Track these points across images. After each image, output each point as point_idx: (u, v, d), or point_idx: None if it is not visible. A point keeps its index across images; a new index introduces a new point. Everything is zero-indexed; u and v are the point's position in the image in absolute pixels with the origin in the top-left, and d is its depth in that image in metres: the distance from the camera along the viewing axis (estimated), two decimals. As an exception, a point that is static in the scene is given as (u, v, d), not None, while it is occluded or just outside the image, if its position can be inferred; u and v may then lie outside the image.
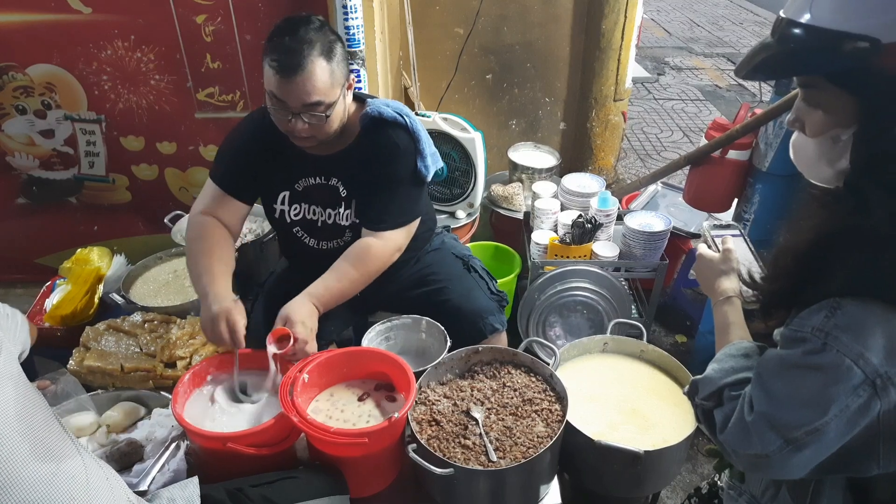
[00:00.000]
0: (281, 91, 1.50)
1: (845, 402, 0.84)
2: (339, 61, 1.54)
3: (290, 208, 1.78)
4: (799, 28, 0.80)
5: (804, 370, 0.87)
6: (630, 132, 4.96)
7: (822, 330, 0.84)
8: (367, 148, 1.69)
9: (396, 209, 1.71)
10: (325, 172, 1.74)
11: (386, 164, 1.68)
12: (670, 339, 2.74)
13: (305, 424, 1.36)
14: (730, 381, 1.02)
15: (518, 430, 1.46)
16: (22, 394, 0.94)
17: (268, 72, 1.51)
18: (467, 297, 1.86)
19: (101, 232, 2.74)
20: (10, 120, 2.48)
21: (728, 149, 1.97)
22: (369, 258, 1.67)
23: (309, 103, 1.51)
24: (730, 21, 8.40)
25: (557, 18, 2.89)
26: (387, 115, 1.67)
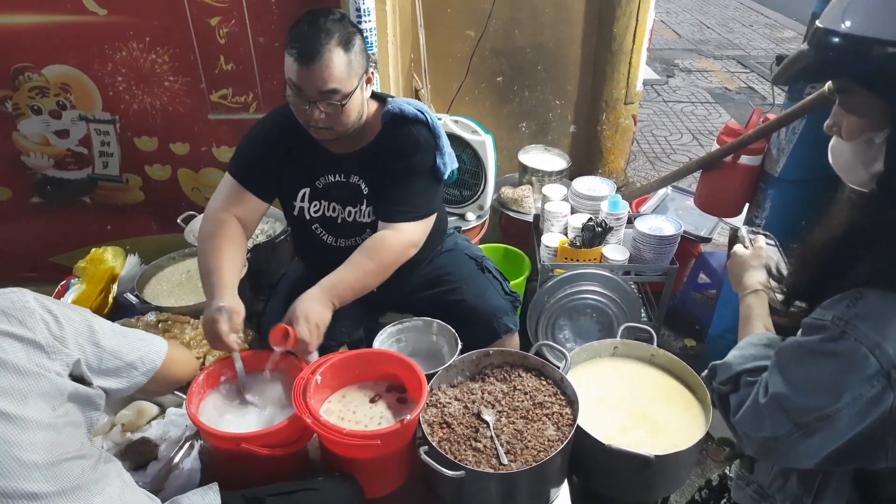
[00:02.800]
0: (299, 78, 1.53)
1: (859, 390, 0.86)
2: (357, 52, 1.56)
3: (310, 205, 1.80)
4: (834, 35, 0.85)
5: (821, 356, 0.90)
6: (639, 135, 4.96)
7: (843, 318, 0.87)
8: (387, 144, 1.72)
9: (413, 201, 1.72)
10: (346, 170, 1.77)
11: (405, 158, 1.71)
12: (680, 342, 2.74)
13: (318, 425, 1.37)
14: (748, 367, 1.05)
15: (529, 434, 1.47)
16: None
17: (287, 60, 1.54)
18: (482, 298, 1.87)
19: (114, 231, 2.76)
20: (25, 120, 2.51)
21: (740, 154, 1.97)
22: (384, 249, 1.67)
23: (325, 90, 1.53)
24: (740, 23, 8.37)
25: (569, 21, 2.90)
26: (408, 112, 1.71)
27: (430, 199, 1.77)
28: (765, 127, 1.88)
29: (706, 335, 2.62)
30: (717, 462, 2.23)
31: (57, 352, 1.03)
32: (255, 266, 2.15)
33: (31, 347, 1.00)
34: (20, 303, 1.02)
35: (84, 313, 1.13)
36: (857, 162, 0.94)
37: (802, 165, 1.92)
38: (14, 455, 0.93)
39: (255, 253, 2.19)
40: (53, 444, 0.98)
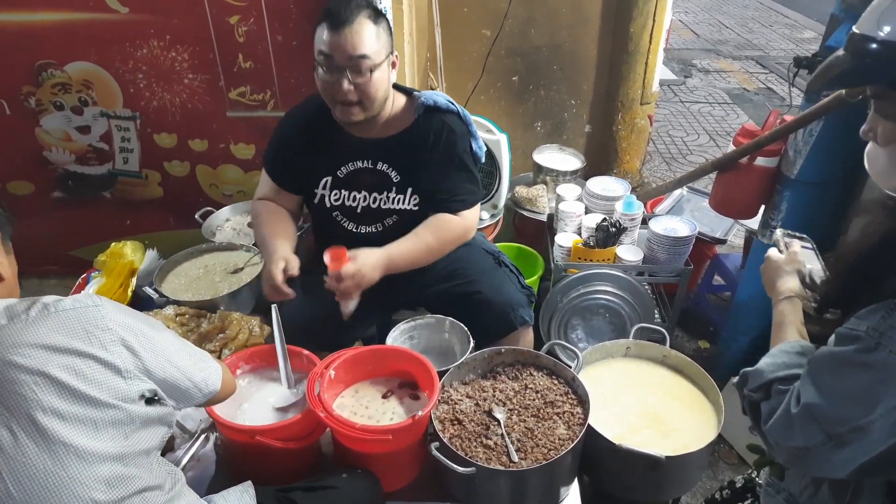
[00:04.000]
0: (329, 45, 1.58)
1: (893, 402, 0.85)
2: (384, 30, 1.64)
3: (331, 193, 1.85)
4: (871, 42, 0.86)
5: (855, 367, 0.89)
6: (656, 135, 4.93)
7: (878, 329, 0.87)
8: (423, 134, 1.78)
9: (465, 189, 1.82)
10: (373, 157, 1.81)
11: (446, 147, 1.78)
12: (693, 344, 2.72)
13: (332, 420, 1.39)
14: (780, 375, 1.04)
15: (539, 432, 1.48)
16: None
17: (318, 33, 1.61)
18: (498, 291, 1.89)
19: (133, 226, 2.81)
20: (48, 115, 2.55)
21: (756, 155, 1.96)
22: (448, 230, 1.80)
23: (355, 55, 1.58)
24: (759, 23, 8.28)
25: (585, 21, 2.90)
26: (440, 103, 1.79)
27: (476, 183, 1.87)
28: (781, 128, 1.86)
29: (720, 337, 2.60)
30: (729, 464, 2.22)
31: (133, 377, 0.99)
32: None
33: (109, 371, 0.96)
34: (102, 322, 0.97)
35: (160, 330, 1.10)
36: (893, 168, 0.94)
37: (819, 167, 1.90)
38: (76, 493, 0.89)
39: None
40: (119, 479, 0.95)
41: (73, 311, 0.96)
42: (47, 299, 0.98)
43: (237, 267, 2.15)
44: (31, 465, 0.87)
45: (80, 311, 0.97)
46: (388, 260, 1.69)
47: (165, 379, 1.06)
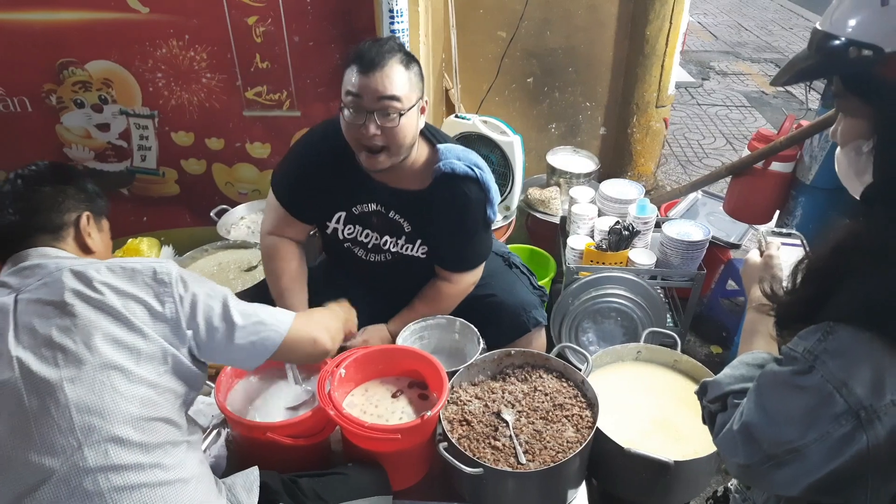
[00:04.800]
0: (359, 86, 1.53)
1: (826, 428, 0.83)
2: (416, 75, 1.60)
3: (344, 228, 1.85)
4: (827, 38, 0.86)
5: (791, 389, 0.87)
6: (672, 138, 4.90)
7: (812, 352, 0.84)
8: (437, 198, 1.72)
9: (471, 255, 1.84)
10: (386, 204, 1.78)
11: (460, 216, 1.74)
12: (705, 349, 2.71)
13: (341, 418, 1.40)
14: (736, 388, 1.02)
15: (548, 434, 1.48)
16: None
17: (348, 74, 1.56)
18: (510, 292, 1.90)
19: (149, 223, 2.84)
20: (68, 113, 2.59)
21: (771, 160, 1.95)
22: (444, 300, 1.86)
23: (385, 96, 1.52)
24: (779, 26, 8.20)
25: (601, 23, 2.89)
26: (459, 171, 1.69)
27: (484, 248, 1.87)
28: (797, 134, 1.85)
29: (733, 343, 2.59)
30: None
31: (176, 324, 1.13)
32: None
33: (158, 319, 1.12)
34: (162, 274, 1.14)
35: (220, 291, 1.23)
36: (850, 171, 0.92)
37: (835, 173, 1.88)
38: (117, 402, 1.04)
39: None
40: (151, 402, 1.08)
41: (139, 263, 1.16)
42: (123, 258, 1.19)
43: (251, 265, 2.18)
44: (87, 373, 1.04)
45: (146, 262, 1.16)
46: (393, 333, 1.82)
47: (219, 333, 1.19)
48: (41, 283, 1.10)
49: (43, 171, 1.27)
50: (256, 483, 1.26)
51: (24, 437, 1.00)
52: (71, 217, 1.25)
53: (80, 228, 1.25)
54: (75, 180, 1.30)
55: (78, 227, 1.25)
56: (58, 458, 0.99)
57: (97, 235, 1.28)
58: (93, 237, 1.27)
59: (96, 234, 1.28)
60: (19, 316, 1.07)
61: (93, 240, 1.27)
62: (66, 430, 1.00)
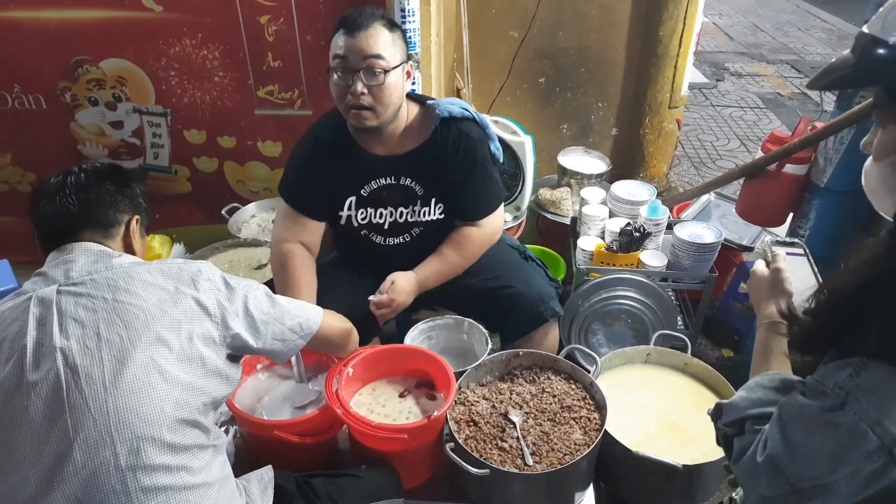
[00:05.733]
0: (345, 47, 1.61)
1: (857, 464, 0.81)
2: (399, 38, 1.67)
3: (357, 213, 1.86)
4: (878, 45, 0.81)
5: (821, 425, 0.85)
6: (685, 139, 4.87)
7: (844, 388, 0.82)
8: (442, 146, 1.79)
9: (487, 195, 1.87)
10: (396, 172, 1.82)
11: (466, 157, 1.80)
12: (717, 352, 2.68)
13: (348, 417, 1.40)
14: (754, 413, 0.99)
15: (555, 436, 1.47)
16: None
17: (335, 39, 1.64)
18: (527, 283, 1.90)
19: (162, 220, 2.85)
20: (83, 110, 2.62)
21: (785, 162, 1.93)
22: (471, 244, 1.86)
23: (370, 55, 1.59)
24: (796, 27, 8.12)
25: (614, 23, 2.87)
26: (455, 113, 1.79)
27: (497, 187, 1.91)
28: (811, 136, 1.83)
29: (744, 347, 2.56)
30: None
31: (221, 322, 1.17)
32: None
33: (201, 312, 1.15)
34: (206, 273, 1.19)
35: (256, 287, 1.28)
36: (883, 186, 0.89)
37: (850, 176, 1.87)
38: (153, 401, 1.06)
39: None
40: (185, 404, 1.09)
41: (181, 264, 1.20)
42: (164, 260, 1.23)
43: (261, 263, 2.19)
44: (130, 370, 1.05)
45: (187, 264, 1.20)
46: (419, 285, 1.80)
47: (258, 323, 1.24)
48: (90, 277, 1.11)
49: (105, 169, 1.29)
50: (271, 484, 1.27)
51: (60, 428, 1.01)
52: (124, 218, 1.26)
53: (130, 231, 1.27)
54: (133, 184, 1.32)
55: (128, 229, 1.27)
56: (90, 452, 1.01)
57: (140, 241, 1.31)
58: (137, 241, 1.29)
59: (140, 239, 1.30)
60: (64, 307, 1.07)
61: (137, 244, 1.29)
62: (102, 425, 1.02)
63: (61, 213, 1.19)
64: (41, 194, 1.22)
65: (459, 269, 1.88)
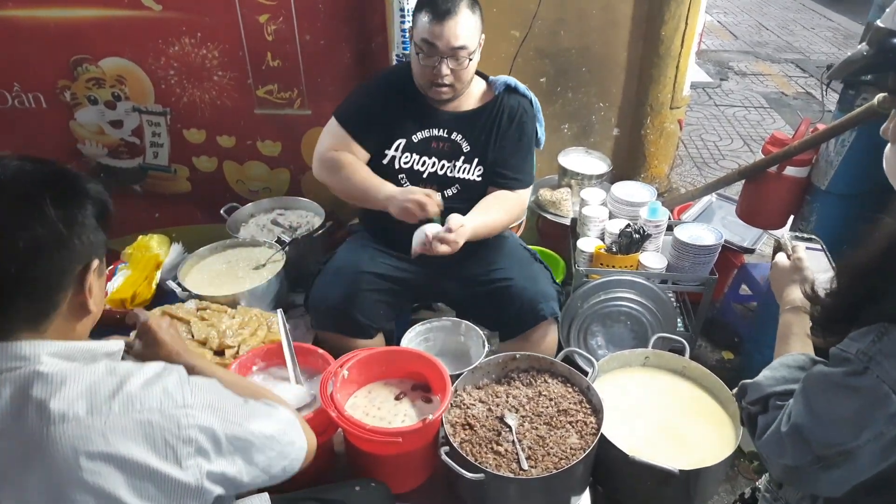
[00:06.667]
0: (433, 34, 1.71)
1: (880, 428, 0.84)
2: (479, 16, 1.79)
3: (402, 156, 1.93)
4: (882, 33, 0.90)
5: (844, 390, 0.88)
6: (687, 139, 4.85)
7: (867, 353, 0.85)
8: (502, 110, 1.92)
9: (526, 169, 1.99)
10: (449, 127, 1.93)
11: (520, 127, 1.93)
12: (717, 354, 2.67)
13: (343, 420, 1.40)
14: (778, 390, 1.03)
15: (551, 440, 1.47)
16: None
17: (420, 22, 1.73)
18: (533, 281, 1.94)
19: (161, 219, 2.86)
20: (82, 109, 2.61)
21: (786, 164, 1.91)
22: (514, 205, 1.94)
23: (456, 46, 1.71)
24: (801, 26, 8.08)
25: (616, 23, 2.85)
26: (519, 87, 1.96)
27: (533, 167, 2.04)
28: (812, 138, 1.81)
29: (744, 349, 2.55)
30: (748, 479, 2.17)
31: (203, 489, 0.91)
32: (293, 259, 2.19)
33: (179, 491, 0.88)
34: (185, 433, 0.88)
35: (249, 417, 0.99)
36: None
37: (851, 179, 1.85)
38: None
39: (293, 246, 2.23)
40: None
41: (158, 414, 0.86)
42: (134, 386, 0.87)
43: (259, 263, 2.18)
44: None
45: (166, 416, 0.87)
46: (473, 229, 1.79)
47: (239, 477, 0.97)
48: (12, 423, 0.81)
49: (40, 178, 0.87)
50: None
51: None
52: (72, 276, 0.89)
53: (85, 286, 0.91)
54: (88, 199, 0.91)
55: (82, 284, 0.91)
56: None
57: (97, 286, 0.95)
58: (94, 292, 0.94)
59: (97, 287, 0.95)
60: None
61: (93, 296, 0.94)
62: None
63: None
64: None
65: (497, 230, 1.92)
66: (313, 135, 2.56)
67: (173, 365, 0.96)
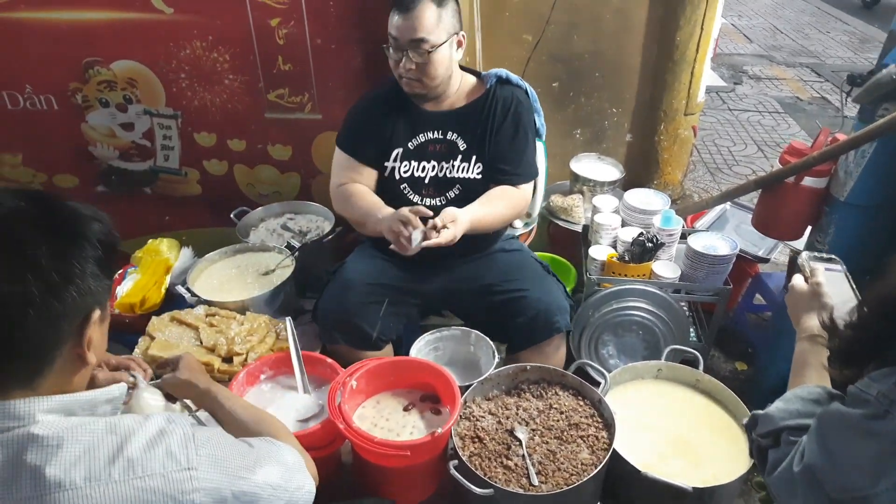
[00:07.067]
0: (395, 27, 1.75)
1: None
2: (448, 11, 1.77)
3: (401, 165, 1.94)
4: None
5: (862, 434, 0.83)
6: (701, 144, 4.80)
7: (888, 396, 0.80)
8: (495, 103, 1.91)
9: (525, 162, 1.95)
10: (443, 127, 1.93)
11: (515, 118, 1.91)
12: (730, 365, 2.63)
13: (351, 432, 1.38)
14: (791, 424, 0.98)
15: (562, 455, 1.44)
16: None
17: (391, 15, 1.77)
18: (547, 292, 1.92)
19: (171, 222, 2.85)
20: (93, 112, 2.61)
21: (803, 175, 1.87)
22: (516, 199, 1.92)
23: (414, 39, 1.72)
24: (816, 29, 8.00)
25: (630, 28, 2.82)
26: (512, 78, 1.95)
27: (535, 160, 2.01)
28: (832, 149, 1.77)
29: (758, 360, 2.51)
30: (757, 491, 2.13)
31: None
32: (302, 264, 2.18)
33: None
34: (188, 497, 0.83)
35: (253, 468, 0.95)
36: None
37: (871, 190, 1.81)
38: None
39: (303, 251, 2.22)
40: None
41: (161, 479, 0.82)
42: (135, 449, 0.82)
43: (269, 269, 2.17)
44: None
45: (170, 480, 0.83)
46: (472, 220, 1.78)
47: None
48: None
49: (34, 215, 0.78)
50: None
51: None
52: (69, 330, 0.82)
53: (83, 338, 0.85)
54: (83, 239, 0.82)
55: (80, 337, 0.84)
56: None
57: (99, 334, 0.88)
58: (94, 342, 0.87)
59: (98, 334, 0.88)
60: None
61: (92, 347, 0.87)
62: None
63: None
64: None
65: (499, 223, 1.91)
66: (324, 139, 2.55)
67: (179, 416, 0.91)
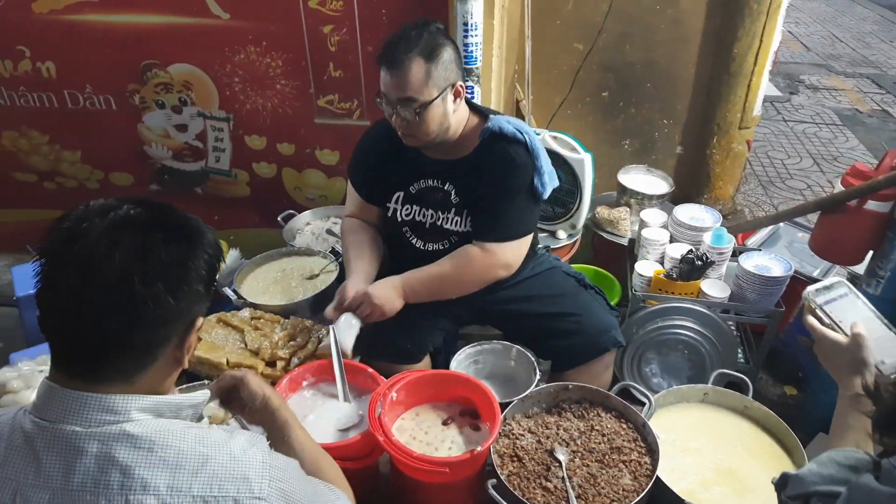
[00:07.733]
0: (383, 83, 1.66)
1: None
2: (441, 64, 1.63)
3: (402, 208, 1.89)
4: None
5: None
6: (753, 156, 4.66)
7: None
8: (483, 159, 1.77)
9: (505, 222, 1.76)
10: (442, 177, 1.84)
11: (501, 178, 1.75)
12: (778, 389, 2.54)
13: (390, 445, 1.38)
14: (822, 489, 0.91)
15: (603, 480, 1.41)
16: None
17: (381, 71, 1.67)
18: (588, 312, 1.86)
19: (220, 222, 2.92)
20: (150, 113, 2.69)
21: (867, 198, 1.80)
22: (467, 263, 1.76)
23: (401, 98, 1.63)
24: (878, 38, 7.69)
25: (685, 38, 2.76)
26: (507, 131, 1.74)
27: (524, 221, 1.80)
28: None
29: (808, 386, 2.42)
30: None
31: None
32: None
33: None
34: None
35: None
36: None
37: (939, 216, 1.73)
38: None
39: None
40: None
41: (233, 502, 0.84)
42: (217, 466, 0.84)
43: (313, 273, 2.19)
44: None
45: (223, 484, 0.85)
46: (404, 282, 1.74)
47: None
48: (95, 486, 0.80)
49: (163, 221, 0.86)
50: None
51: None
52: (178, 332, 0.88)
53: (185, 342, 0.90)
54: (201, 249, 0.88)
55: (183, 340, 0.90)
56: None
57: (196, 339, 0.94)
58: (192, 347, 0.93)
59: (195, 339, 0.94)
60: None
61: (189, 352, 0.93)
62: None
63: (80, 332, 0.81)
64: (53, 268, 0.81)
65: (448, 286, 1.78)
66: (371, 145, 2.57)
67: (260, 439, 0.95)
